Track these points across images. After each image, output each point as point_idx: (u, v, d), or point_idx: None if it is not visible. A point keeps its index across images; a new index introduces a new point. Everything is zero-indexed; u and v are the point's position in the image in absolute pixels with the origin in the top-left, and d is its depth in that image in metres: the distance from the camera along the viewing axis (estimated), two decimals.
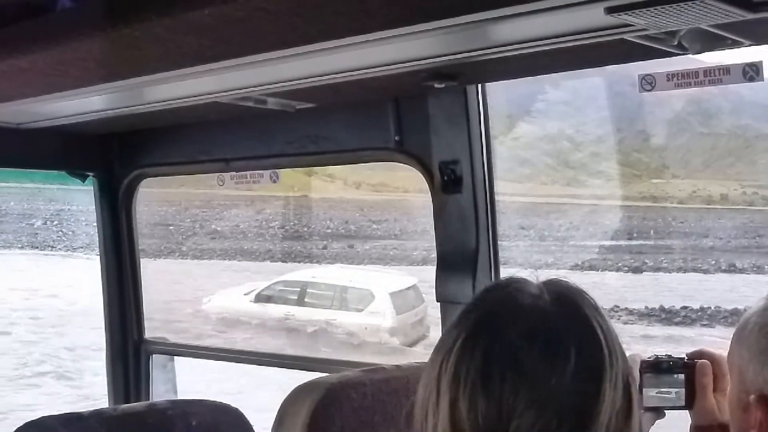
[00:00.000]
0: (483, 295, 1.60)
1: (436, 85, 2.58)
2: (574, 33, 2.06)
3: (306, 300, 15.07)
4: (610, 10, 1.77)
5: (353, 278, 15.17)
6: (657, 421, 2.16)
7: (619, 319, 14.06)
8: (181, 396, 4.22)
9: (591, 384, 1.44)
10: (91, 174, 4.00)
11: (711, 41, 2.04)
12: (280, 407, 2.30)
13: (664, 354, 2.16)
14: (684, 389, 2.12)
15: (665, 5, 1.72)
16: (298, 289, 15.24)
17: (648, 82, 2.38)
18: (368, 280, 15.15)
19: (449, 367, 1.48)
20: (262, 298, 15.39)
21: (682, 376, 2.12)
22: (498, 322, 1.49)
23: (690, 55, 2.14)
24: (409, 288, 14.39)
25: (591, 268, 16.21)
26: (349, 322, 14.16)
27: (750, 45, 2.10)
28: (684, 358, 2.14)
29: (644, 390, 2.12)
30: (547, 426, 1.41)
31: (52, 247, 22.45)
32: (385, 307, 13.89)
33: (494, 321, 1.50)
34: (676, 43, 2.03)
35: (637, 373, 2.12)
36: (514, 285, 1.54)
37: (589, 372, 1.44)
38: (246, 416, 2.45)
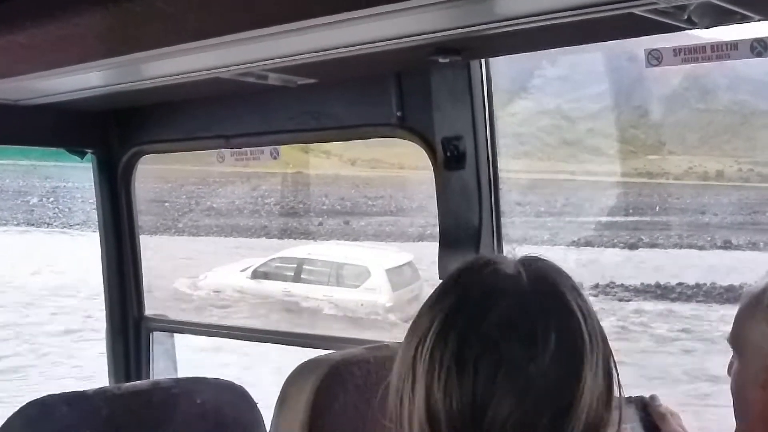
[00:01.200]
0: (459, 275, 1.54)
1: (441, 60, 2.56)
2: (582, 7, 2.04)
3: (302, 276, 15.07)
4: None
5: (349, 255, 15.16)
6: None
7: (615, 295, 14.07)
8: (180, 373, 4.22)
9: (571, 370, 1.40)
10: (89, 151, 3.98)
11: (720, 15, 2.02)
12: (284, 385, 2.30)
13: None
14: (642, 427, 2.07)
15: None
16: (295, 266, 15.24)
17: (655, 57, 2.37)
18: (364, 256, 15.14)
19: (424, 352, 1.45)
20: (258, 274, 15.38)
21: (635, 414, 2.07)
22: (474, 307, 1.45)
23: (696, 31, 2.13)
24: (404, 264, 14.38)
25: (587, 244, 16.21)
26: (345, 299, 14.17)
27: (759, 20, 2.08)
28: (631, 397, 2.08)
29: None
30: (525, 414, 1.38)
31: (48, 224, 22.42)
32: (381, 283, 13.88)
33: (470, 305, 1.45)
34: (685, 17, 2.01)
35: None
36: (492, 266, 1.49)
37: (569, 358, 1.40)
38: (250, 394, 2.45)
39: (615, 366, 1.47)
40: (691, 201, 17.66)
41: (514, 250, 1.55)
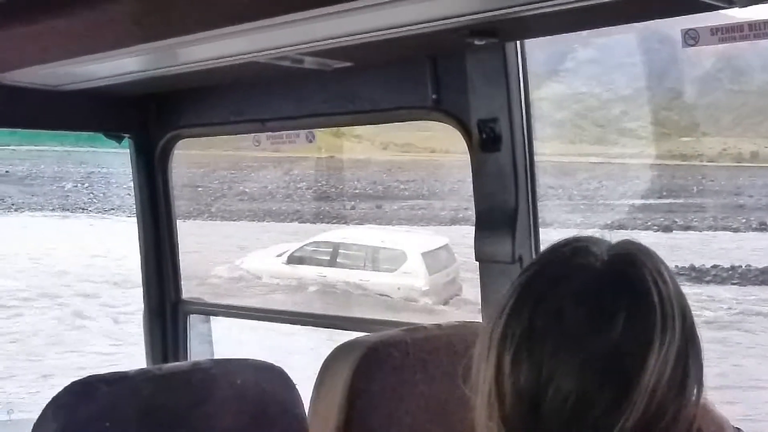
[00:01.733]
0: (543, 252, 1.56)
1: (476, 42, 2.56)
2: None
3: (338, 261, 15.08)
4: None
5: (385, 239, 15.14)
6: None
7: None
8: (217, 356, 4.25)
9: (637, 350, 1.37)
10: (127, 135, 4.01)
11: None
12: (322, 366, 2.31)
13: None
14: None
15: None
16: (330, 250, 15.25)
17: (692, 37, 2.35)
18: (400, 240, 15.13)
19: (500, 325, 1.45)
20: (294, 259, 15.41)
21: None
22: (546, 282, 1.46)
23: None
24: (440, 248, 14.35)
25: (620, 227, 16.11)
26: (382, 282, 14.17)
27: None
28: None
29: None
30: (585, 391, 1.36)
31: (83, 209, 22.57)
32: (417, 267, 13.88)
33: (543, 280, 1.46)
34: None
35: None
36: (576, 244, 1.50)
37: (636, 338, 1.38)
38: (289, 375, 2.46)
39: (696, 355, 1.44)
40: (726, 183, 17.54)
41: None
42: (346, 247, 15.29)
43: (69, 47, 2.72)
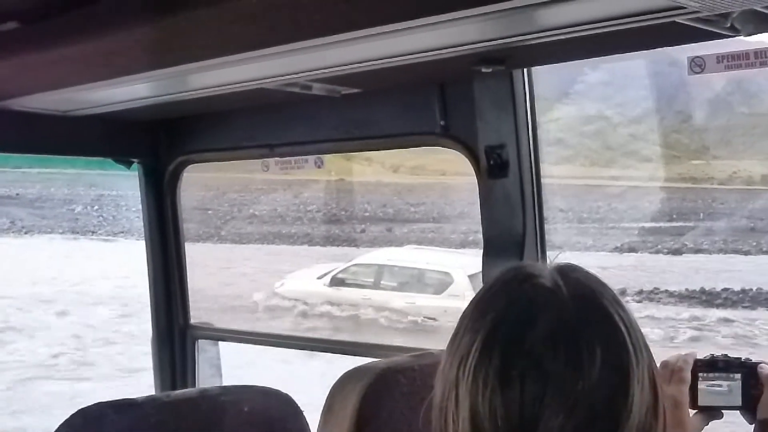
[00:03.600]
0: (496, 290, 1.50)
1: (484, 70, 2.57)
2: (624, 16, 2.04)
3: (382, 283, 14.96)
4: None
5: (430, 260, 14.97)
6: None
7: (659, 301, 13.98)
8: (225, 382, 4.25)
9: (619, 383, 1.38)
10: (136, 160, 4.03)
11: (764, 22, 2.02)
12: (330, 392, 2.31)
13: (721, 354, 2.14)
14: (741, 389, 2.09)
15: None
16: (374, 272, 15.14)
17: (698, 65, 2.36)
18: (445, 261, 14.99)
19: (467, 371, 1.41)
20: (336, 281, 15.31)
21: (738, 376, 2.10)
22: (515, 323, 1.42)
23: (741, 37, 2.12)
24: None
25: (631, 250, 16.12)
26: (428, 305, 14.07)
27: None
28: (741, 359, 2.12)
29: (699, 389, 2.10)
30: (578, 428, 1.35)
31: (93, 232, 22.64)
32: (464, 289, 13.79)
33: (511, 321, 1.42)
34: (728, 25, 2.01)
35: (688, 374, 2.10)
36: (530, 281, 1.46)
37: (616, 372, 1.38)
38: (297, 401, 2.46)
39: (659, 377, 1.46)
40: (736, 206, 17.52)
41: (558, 256, 1.53)
42: (390, 268, 15.16)
43: (81, 74, 2.75)
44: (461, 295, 13.71)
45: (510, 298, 1.46)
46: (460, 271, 14.24)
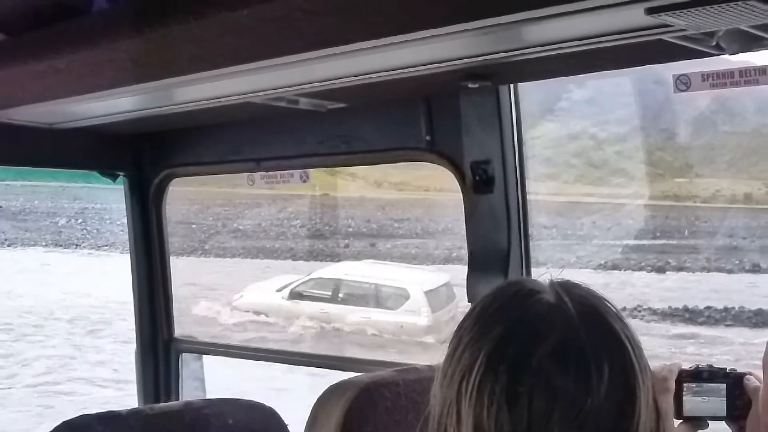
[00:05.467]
0: (498, 306, 1.49)
1: (470, 85, 2.58)
2: (610, 33, 2.06)
3: (339, 297, 15.01)
4: (651, 11, 1.76)
5: (387, 276, 15.01)
6: None
7: (642, 318, 13.99)
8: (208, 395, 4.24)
9: (626, 401, 1.38)
10: (121, 174, 4.02)
11: (749, 42, 2.03)
12: (314, 406, 2.31)
13: (706, 364, 2.15)
14: (725, 399, 2.11)
15: (706, 6, 1.71)
16: (332, 286, 15.17)
17: (683, 83, 2.38)
18: (402, 277, 15.01)
19: (471, 386, 1.41)
20: (294, 295, 15.33)
21: (723, 386, 2.11)
22: (523, 340, 1.41)
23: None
24: (442, 285, 14.28)
25: (614, 267, 16.14)
26: (384, 320, 14.10)
27: None
28: (726, 369, 2.13)
29: (684, 399, 2.11)
30: None
31: (77, 245, 22.54)
32: (420, 305, 13.85)
33: (519, 338, 1.42)
34: (714, 43, 2.02)
35: (673, 383, 2.11)
36: (533, 296, 1.46)
37: (623, 390, 1.38)
38: (281, 415, 2.46)
39: (661, 395, 1.45)
40: (719, 224, 17.55)
41: (545, 273, 1.52)
42: (348, 283, 15.20)
43: (68, 86, 2.74)
44: (417, 310, 13.76)
45: (516, 314, 1.46)
46: (417, 287, 14.28)
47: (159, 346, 4.14)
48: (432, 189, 19.64)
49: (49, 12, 2.38)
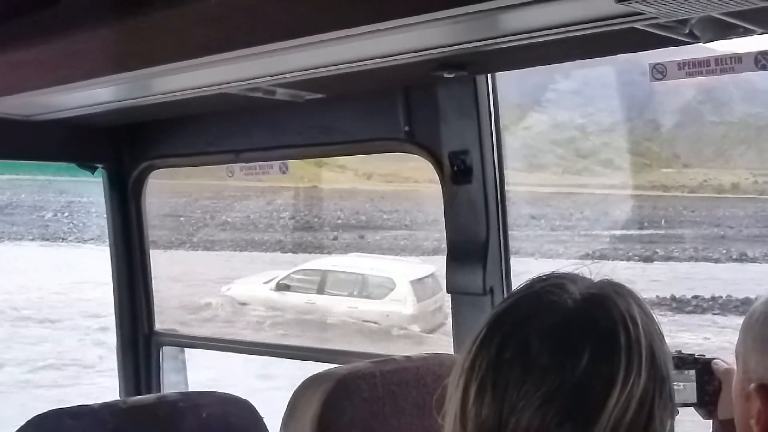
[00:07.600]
0: (520, 287, 1.54)
1: (446, 75, 2.57)
2: (584, 22, 2.05)
3: (326, 288, 15.08)
4: None
5: (374, 266, 15.11)
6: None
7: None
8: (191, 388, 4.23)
9: (598, 389, 1.38)
10: (100, 166, 4.00)
11: (723, 29, 2.03)
12: (291, 398, 2.30)
13: (674, 351, 2.14)
14: (695, 385, 2.11)
15: None
16: (318, 278, 15.24)
17: (659, 71, 2.37)
18: (389, 268, 15.13)
19: (469, 356, 1.46)
20: (281, 287, 15.39)
21: (692, 373, 2.12)
22: (517, 317, 1.46)
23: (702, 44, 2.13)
24: (428, 276, 14.35)
25: (602, 257, 16.15)
26: (371, 310, 14.18)
27: (762, 33, 2.09)
28: (694, 354, 2.14)
29: None
30: (546, 425, 1.37)
31: (63, 239, 22.48)
32: (406, 294, 13.93)
33: (514, 315, 1.47)
34: (687, 31, 2.02)
35: None
36: (553, 280, 1.50)
37: (599, 377, 1.38)
38: (256, 408, 2.45)
39: (665, 405, 1.44)
40: (707, 214, 17.60)
41: (592, 268, 1.53)
42: (335, 274, 15.29)
43: (44, 77, 2.73)
44: (403, 300, 13.85)
45: (524, 295, 1.51)
46: (403, 277, 14.38)
47: (140, 340, 4.12)
48: (421, 181, 19.63)
49: (22, 1, 2.35)
